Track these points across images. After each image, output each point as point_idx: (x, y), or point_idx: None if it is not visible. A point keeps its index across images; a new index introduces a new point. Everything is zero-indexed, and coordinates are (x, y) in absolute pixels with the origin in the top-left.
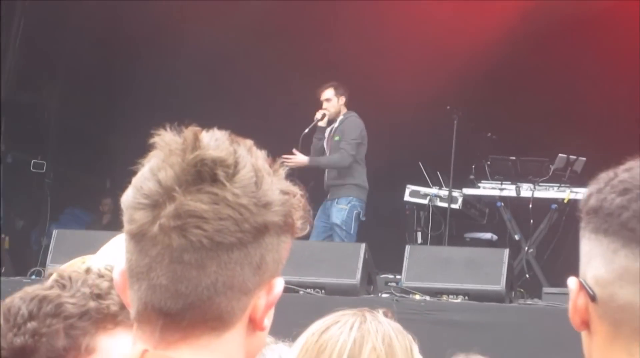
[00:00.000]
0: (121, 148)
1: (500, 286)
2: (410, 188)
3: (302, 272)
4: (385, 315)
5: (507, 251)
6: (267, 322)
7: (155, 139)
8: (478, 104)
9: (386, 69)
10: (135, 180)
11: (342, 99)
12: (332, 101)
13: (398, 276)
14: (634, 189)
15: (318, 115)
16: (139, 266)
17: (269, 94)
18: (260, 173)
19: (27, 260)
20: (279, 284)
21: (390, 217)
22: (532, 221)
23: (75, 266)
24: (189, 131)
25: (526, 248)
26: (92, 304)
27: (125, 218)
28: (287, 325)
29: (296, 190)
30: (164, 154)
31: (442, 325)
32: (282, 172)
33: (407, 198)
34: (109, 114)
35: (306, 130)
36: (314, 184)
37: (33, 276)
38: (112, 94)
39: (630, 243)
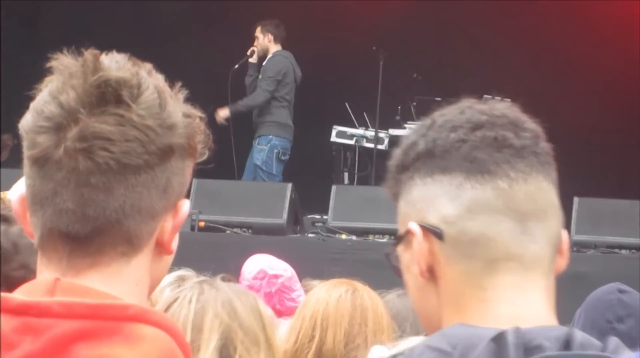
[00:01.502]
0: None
1: None
2: (336, 128)
3: (229, 212)
4: (225, 280)
5: None
6: (174, 244)
7: (53, 64)
8: (405, 44)
9: (314, 9)
10: (34, 104)
11: (269, 37)
12: (259, 38)
13: (325, 217)
14: (463, 125)
15: (249, 52)
16: (43, 191)
17: (200, 28)
18: (163, 95)
19: None
20: (185, 206)
21: (317, 158)
22: None
23: None
24: (88, 54)
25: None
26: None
27: (25, 144)
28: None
29: (197, 113)
30: (64, 77)
31: (369, 265)
32: (181, 96)
33: (333, 138)
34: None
35: (235, 66)
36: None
37: None
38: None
39: (474, 174)
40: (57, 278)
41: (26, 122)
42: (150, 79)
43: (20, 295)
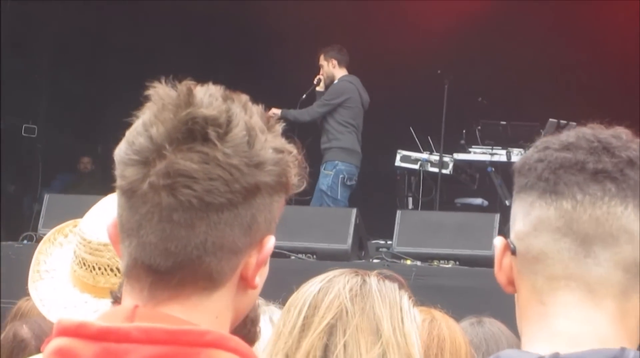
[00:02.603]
0: (112, 113)
1: (492, 251)
2: (401, 153)
3: (294, 237)
4: (388, 277)
5: (497, 216)
6: (259, 279)
7: (150, 92)
8: (469, 68)
9: (378, 33)
10: (128, 134)
11: (333, 62)
12: (323, 66)
13: (389, 242)
14: (552, 146)
15: (315, 80)
16: (130, 223)
17: (269, 53)
18: (253, 132)
19: (19, 225)
20: (270, 242)
21: (382, 182)
22: None
23: (65, 228)
24: (183, 86)
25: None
26: None
27: (117, 173)
28: (279, 290)
29: (291, 148)
30: (157, 108)
31: (434, 290)
32: (279, 128)
33: (398, 163)
34: (100, 78)
35: (303, 96)
36: (312, 141)
37: (25, 241)
38: (104, 57)
39: (544, 194)
40: (136, 305)
41: (119, 151)
42: (242, 115)
43: (101, 321)
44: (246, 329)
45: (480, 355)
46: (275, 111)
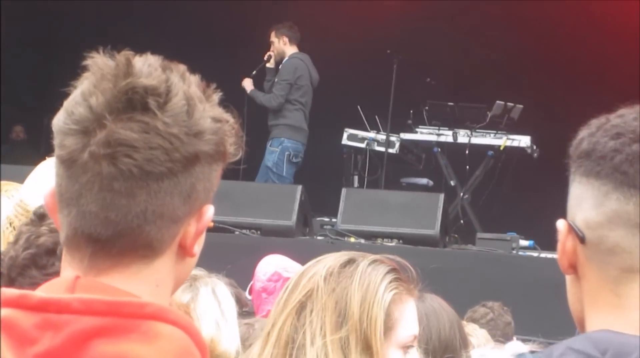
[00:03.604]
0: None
1: (435, 230)
2: (348, 131)
3: (239, 213)
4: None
5: (442, 196)
6: (197, 248)
7: (88, 62)
8: (418, 48)
9: (328, 11)
10: (66, 104)
11: (284, 39)
12: (274, 42)
13: (334, 219)
14: (627, 134)
15: (265, 57)
16: (69, 192)
17: (222, 31)
18: (192, 101)
19: None
20: (209, 211)
21: (328, 161)
22: (468, 167)
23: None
24: (122, 56)
25: (461, 194)
26: None
27: (55, 142)
28: (223, 264)
29: (228, 117)
30: (96, 78)
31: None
32: (216, 98)
33: (344, 141)
34: (48, 49)
35: (253, 72)
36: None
37: None
38: (55, 28)
39: (621, 186)
40: (77, 276)
41: (57, 121)
42: (181, 85)
43: (42, 292)
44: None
45: (421, 329)
46: (248, 86)
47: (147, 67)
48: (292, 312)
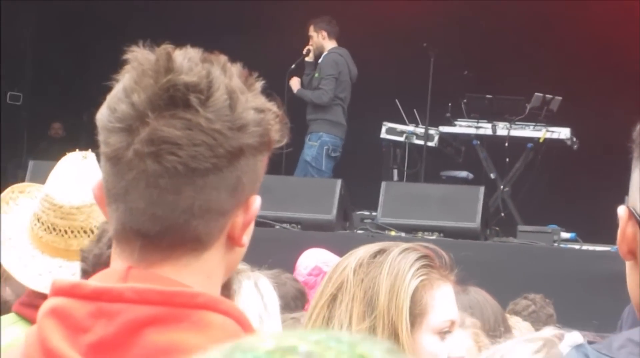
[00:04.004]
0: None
1: (476, 223)
2: (386, 125)
3: (279, 207)
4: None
5: (482, 188)
6: (246, 238)
7: (129, 56)
8: (455, 41)
9: (365, 5)
10: (109, 99)
11: (323, 34)
12: (313, 36)
13: (374, 213)
14: None
15: (304, 51)
16: (116, 188)
17: (260, 25)
18: (234, 94)
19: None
20: (256, 202)
21: (367, 155)
22: (507, 160)
23: (7, 196)
24: (162, 50)
25: (501, 187)
26: None
27: (100, 139)
28: (264, 258)
29: (271, 106)
30: (137, 74)
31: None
32: (258, 86)
33: (383, 135)
34: (85, 47)
35: (292, 66)
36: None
37: None
38: (90, 28)
39: None
40: (130, 266)
41: (102, 117)
42: (222, 78)
43: (95, 281)
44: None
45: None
46: (296, 86)
47: (188, 61)
48: (324, 305)
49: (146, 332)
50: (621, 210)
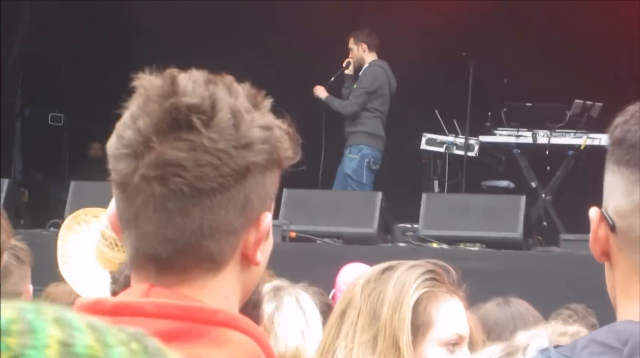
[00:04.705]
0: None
1: (518, 233)
2: (426, 136)
3: (320, 221)
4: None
5: (523, 197)
6: (261, 256)
7: (137, 83)
8: (494, 50)
9: (403, 16)
10: (117, 127)
11: (363, 46)
12: (353, 49)
13: (415, 226)
14: None
15: (344, 64)
16: (127, 214)
17: (298, 39)
18: (238, 114)
19: (46, 213)
20: (267, 218)
21: (408, 166)
22: (548, 168)
23: (78, 216)
24: (167, 74)
25: (543, 195)
26: None
27: (110, 167)
28: (306, 273)
29: (280, 122)
30: (143, 99)
31: (461, 273)
32: (267, 104)
33: (423, 146)
34: (124, 67)
35: (332, 79)
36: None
37: (52, 229)
38: (129, 47)
39: None
40: (152, 285)
41: (111, 146)
42: (227, 98)
43: (117, 298)
44: (248, 311)
45: (508, 333)
46: (322, 94)
47: (192, 84)
48: (335, 321)
49: (167, 347)
50: (592, 212)
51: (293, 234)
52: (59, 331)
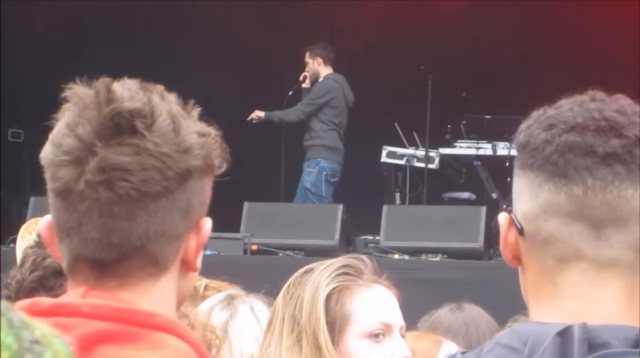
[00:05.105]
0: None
1: (479, 243)
2: (387, 149)
3: (281, 234)
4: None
5: (484, 208)
6: (199, 262)
7: (68, 94)
8: (452, 63)
9: (361, 30)
10: (52, 136)
11: (319, 60)
12: (309, 63)
13: (377, 237)
14: (559, 125)
15: (301, 77)
16: (68, 222)
17: (255, 53)
18: (176, 119)
19: (6, 229)
20: (207, 224)
21: (369, 179)
22: (509, 179)
23: (30, 226)
24: (100, 83)
25: (504, 206)
26: None
27: (47, 176)
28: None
29: (211, 130)
30: (79, 108)
31: (422, 284)
32: (195, 113)
33: (384, 159)
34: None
35: (290, 92)
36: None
37: (11, 244)
38: (90, 63)
39: (553, 177)
40: (89, 287)
41: (46, 154)
42: (163, 104)
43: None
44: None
45: (460, 338)
46: (259, 114)
47: (128, 91)
48: (267, 331)
49: (101, 348)
50: (502, 217)
51: (254, 247)
52: None
